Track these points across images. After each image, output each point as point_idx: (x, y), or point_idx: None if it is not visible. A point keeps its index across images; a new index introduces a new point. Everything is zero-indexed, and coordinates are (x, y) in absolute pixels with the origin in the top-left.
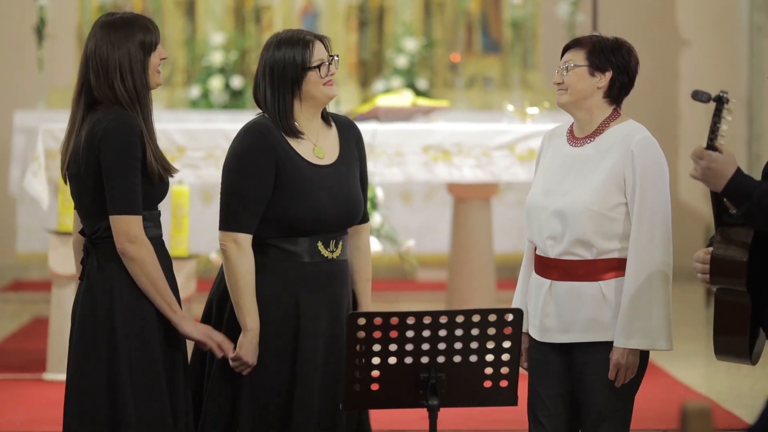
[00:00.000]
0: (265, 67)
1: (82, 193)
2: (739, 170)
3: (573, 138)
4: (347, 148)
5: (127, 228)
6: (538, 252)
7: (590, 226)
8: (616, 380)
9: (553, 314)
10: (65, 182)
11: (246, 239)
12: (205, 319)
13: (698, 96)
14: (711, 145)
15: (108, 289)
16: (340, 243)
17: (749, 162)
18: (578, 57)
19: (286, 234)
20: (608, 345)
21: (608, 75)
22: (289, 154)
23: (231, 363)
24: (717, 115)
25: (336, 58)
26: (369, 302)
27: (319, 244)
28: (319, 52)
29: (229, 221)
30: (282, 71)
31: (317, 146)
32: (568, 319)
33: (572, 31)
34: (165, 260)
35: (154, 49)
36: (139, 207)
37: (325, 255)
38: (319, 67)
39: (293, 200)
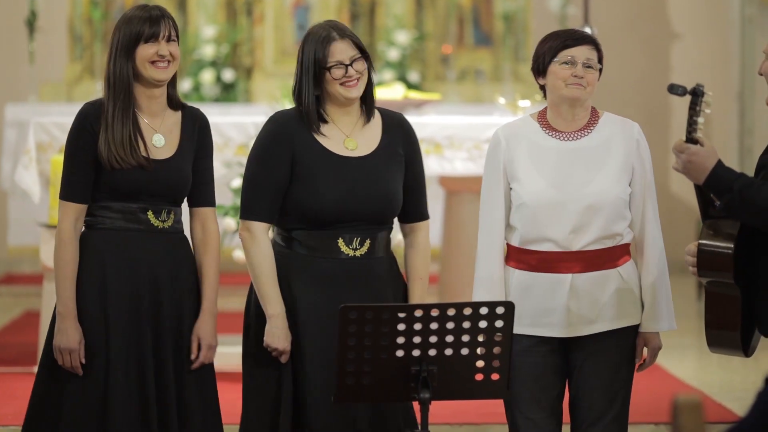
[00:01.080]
0: (298, 56)
1: None
2: (719, 162)
3: (556, 131)
4: (390, 143)
5: (59, 213)
6: (544, 248)
7: (615, 214)
8: (642, 365)
9: (576, 308)
10: None
11: (259, 227)
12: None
13: (674, 90)
14: (691, 138)
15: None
16: (368, 241)
17: (741, 155)
18: (595, 57)
19: (308, 227)
20: (625, 331)
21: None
22: (309, 144)
23: (269, 350)
24: (693, 108)
25: (361, 58)
26: (417, 301)
27: (341, 240)
28: (338, 52)
29: (244, 209)
30: (306, 65)
31: (349, 138)
32: (594, 310)
33: (564, 24)
34: (137, 254)
35: (145, 42)
36: (71, 195)
37: (346, 252)
38: (333, 68)
39: (308, 191)
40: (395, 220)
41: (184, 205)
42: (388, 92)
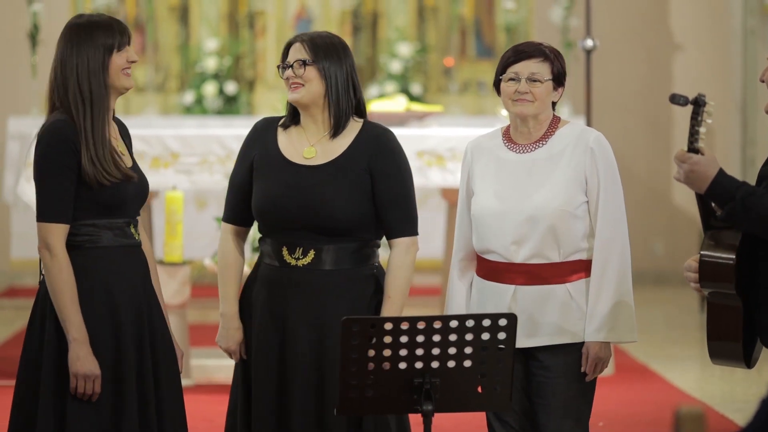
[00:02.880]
0: None
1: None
2: (721, 171)
3: (515, 144)
4: (352, 156)
5: (44, 235)
6: (491, 258)
7: (560, 227)
8: (588, 375)
9: (519, 320)
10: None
11: (225, 227)
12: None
13: (676, 100)
14: (693, 148)
15: (46, 295)
16: (312, 252)
17: (743, 166)
18: (545, 70)
19: (265, 233)
20: (573, 347)
21: (561, 90)
22: (268, 149)
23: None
24: (695, 118)
25: (307, 62)
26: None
27: (285, 249)
28: (290, 54)
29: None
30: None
31: (311, 147)
32: (535, 324)
33: (566, 36)
34: (132, 270)
35: (117, 50)
36: (60, 215)
37: (288, 261)
38: (280, 68)
39: (258, 193)
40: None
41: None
42: (391, 104)
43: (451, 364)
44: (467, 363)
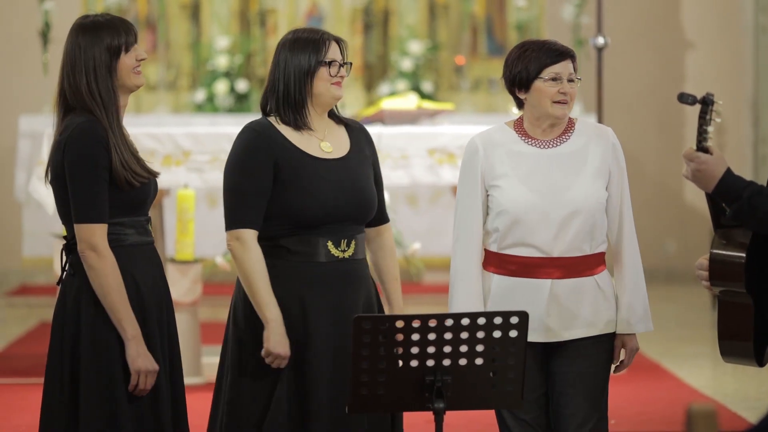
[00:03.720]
0: (279, 62)
1: (56, 199)
2: (728, 170)
3: (533, 138)
4: (358, 146)
5: (88, 236)
6: (525, 253)
7: (597, 219)
8: (619, 367)
9: (556, 313)
10: (46, 187)
11: (248, 234)
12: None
13: (684, 99)
14: (701, 147)
15: (77, 296)
16: (353, 242)
17: (755, 164)
18: (573, 69)
19: (295, 232)
20: (602, 337)
21: None
22: (288, 149)
23: (266, 360)
24: (703, 117)
25: (349, 64)
26: (400, 301)
27: (329, 243)
28: (333, 52)
29: (230, 220)
30: (298, 64)
31: (324, 141)
32: (572, 316)
33: (577, 34)
34: (153, 268)
35: (125, 51)
36: (102, 215)
37: (336, 254)
38: (330, 64)
39: (296, 193)
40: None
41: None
42: (402, 102)
43: (463, 361)
44: (479, 361)
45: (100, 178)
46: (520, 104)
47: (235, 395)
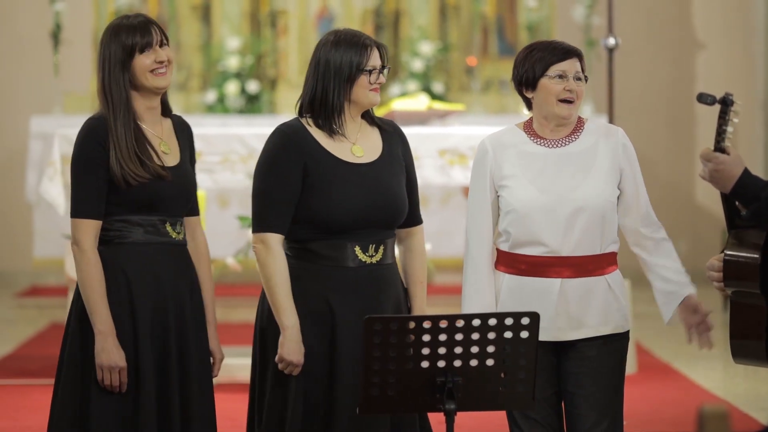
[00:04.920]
0: (319, 63)
1: None
2: (746, 171)
3: (542, 138)
4: (390, 149)
5: (74, 231)
6: (535, 252)
7: (607, 217)
8: (707, 326)
9: (565, 312)
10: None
11: (273, 239)
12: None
13: (703, 99)
14: (718, 147)
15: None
16: (381, 247)
17: (767, 164)
18: (580, 68)
19: (324, 236)
20: (613, 337)
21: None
22: (319, 153)
23: (279, 365)
24: (722, 117)
25: (387, 68)
26: (423, 305)
27: (357, 248)
28: (374, 59)
29: (257, 222)
30: (338, 69)
31: (356, 145)
32: (582, 316)
33: (588, 34)
34: (166, 264)
35: (139, 51)
36: (89, 212)
37: (363, 260)
38: (370, 72)
39: (324, 198)
40: None
41: None
42: (413, 103)
43: (474, 362)
44: (490, 361)
45: (93, 176)
46: (529, 105)
47: (261, 397)
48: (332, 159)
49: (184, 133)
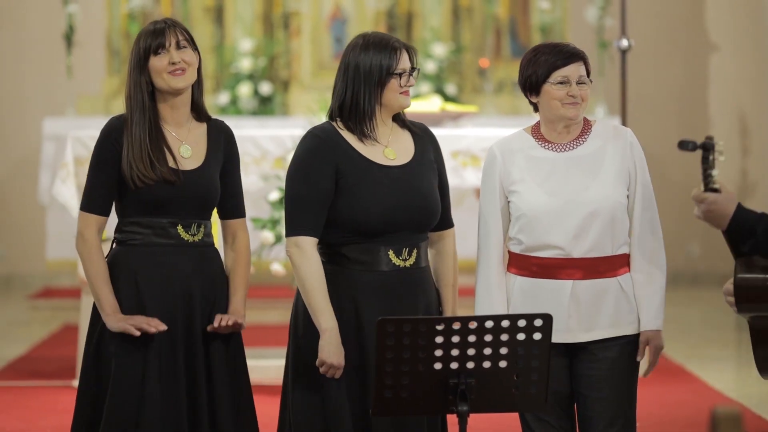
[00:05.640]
0: (348, 67)
1: None
2: (739, 206)
3: (550, 143)
4: (422, 151)
5: (79, 223)
6: (546, 255)
7: (617, 219)
8: (648, 367)
9: (576, 314)
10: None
11: (308, 242)
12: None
13: (684, 146)
14: (708, 189)
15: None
16: (415, 251)
17: None
18: (585, 72)
19: (356, 240)
20: (625, 339)
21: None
22: (351, 156)
23: (320, 369)
24: (706, 162)
25: (417, 70)
26: (453, 308)
27: (391, 252)
28: (404, 62)
29: (290, 226)
30: (368, 73)
31: (388, 147)
32: (593, 317)
33: (601, 36)
34: (177, 265)
35: (153, 53)
36: (93, 206)
37: (397, 263)
38: (401, 75)
39: (357, 201)
40: None
41: (215, 218)
42: (425, 104)
43: (487, 364)
44: (502, 363)
45: (104, 174)
46: (536, 108)
47: (297, 402)
48: (365, 161)
49: (219, 138)
